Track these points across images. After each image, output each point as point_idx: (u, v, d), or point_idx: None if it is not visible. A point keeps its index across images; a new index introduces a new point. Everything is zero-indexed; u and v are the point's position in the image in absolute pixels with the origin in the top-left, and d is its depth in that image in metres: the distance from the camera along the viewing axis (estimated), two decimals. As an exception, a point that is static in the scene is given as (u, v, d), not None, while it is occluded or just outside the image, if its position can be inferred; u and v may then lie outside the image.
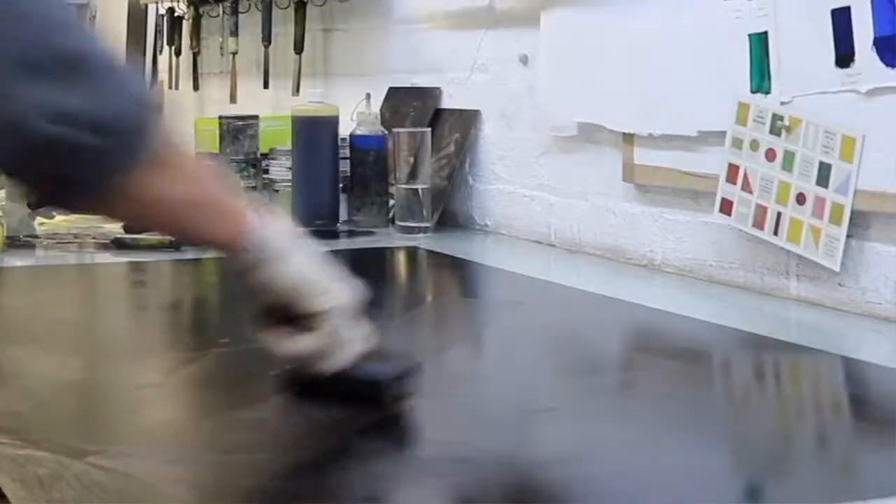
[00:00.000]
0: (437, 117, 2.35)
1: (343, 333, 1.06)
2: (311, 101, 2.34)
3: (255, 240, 1.03)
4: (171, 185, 0.98)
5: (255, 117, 2.44)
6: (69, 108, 0.90)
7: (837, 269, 1.49)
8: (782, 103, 1.57)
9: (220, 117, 2.47)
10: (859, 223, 1.48)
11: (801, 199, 1.54)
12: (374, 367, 1.08)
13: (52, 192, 0.96)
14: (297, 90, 2.80)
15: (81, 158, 0.91)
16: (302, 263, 1.05)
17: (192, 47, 3.33)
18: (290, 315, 1.05)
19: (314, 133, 2.27)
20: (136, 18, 3.60)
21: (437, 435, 1.06)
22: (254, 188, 2.39)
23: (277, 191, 2.37)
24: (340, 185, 2.28)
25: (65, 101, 0.90)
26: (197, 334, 1.54)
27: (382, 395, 1.08)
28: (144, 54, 3.51)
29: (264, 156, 2.39)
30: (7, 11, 0.89)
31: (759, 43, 1.60)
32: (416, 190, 2.17)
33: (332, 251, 1.99)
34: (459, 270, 1.91)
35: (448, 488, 0.93)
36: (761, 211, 1.60)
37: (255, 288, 1.05)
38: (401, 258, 2.01)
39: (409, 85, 2.46)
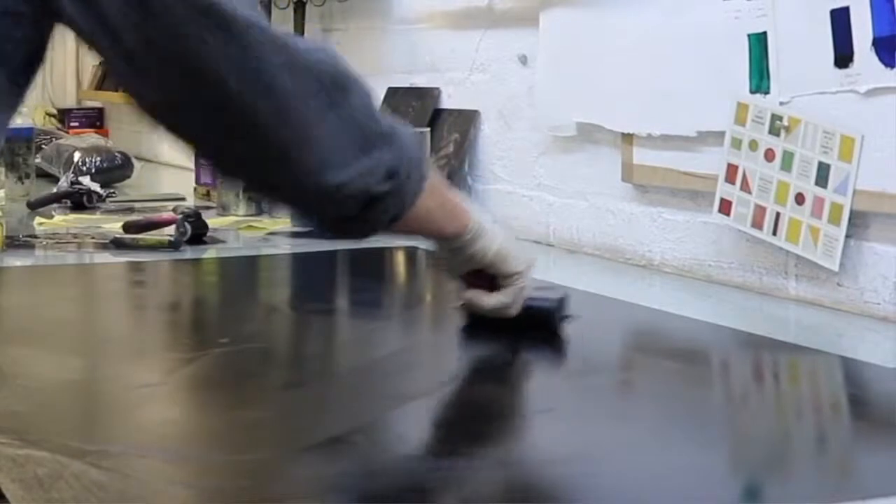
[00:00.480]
0: (436, 117, 2.35)
1: (526, 286, 1.37)
2: (310, 100, 2.33)
3: (474, 226, 1.34)
4: (431, 202, 1.28)
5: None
6: (392, 166, 1.20)
7: (836, 269, 1.49)
8: (781, 103, 1.57)
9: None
10: (858, 223, 1.48)
11: (799, 199, 1.54)
12: (540, 298, 1.38)
13: (364, 229, 1.25)
14: (296, 90, 2.79)
15: (403, 197, 1.23)
16: (499, 238, 1.35)
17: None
18: (487, 277, 1.36)
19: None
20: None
21: (434, 434, 1.06)
22: (253, 188, 2.39)
23: (277, 191, 2.37)
24: (340, 185, 2.28)
25: (389, 161, 1.20)
26: (196, 334, 1.54)
27: (551, 320, 1.38)
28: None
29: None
30: (347, 102, 1.18)
31: (758, 43, 1.60)
32: (416, 190, 2.17)
33: (330, 251, 2.00)
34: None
35: (446, 487, 0.93)
36: (760, 211, 1.60)
37: (466, 259, 1.35)
38: (400, 258, 2.01)
39: (408, 85, 2.46)
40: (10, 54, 1.07)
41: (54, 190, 2.60)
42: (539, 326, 1.37)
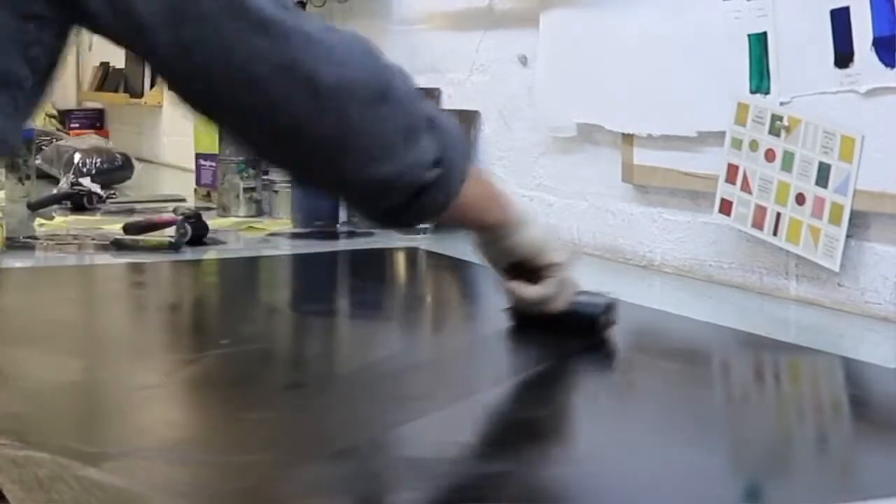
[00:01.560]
0: (437, 118, 2.35)
1: (570, 279, 1.35)
2: (310, 101, 2.33)
3: (516, 215, 1.34)
4: (475, 191, 1.28)
5: (255, 118, 2.44)
6: (437, 154, 1.20)
7: (837, 269, 1.49)
8: (781, 103, 1.57)
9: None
10: (858, 223, 1.48)
11: (800, 199, 1.54)
12: (586, 303, 1.36)
13: (414, 218, 1.26)
14: (296, 91, 2.79)
15: (450, 185, 1.23)
16: (538, 229, 1.35)
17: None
18: (529, 269, 1.35)
19: (314, 134, 2.27)
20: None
21: (434, 435, 1.06)
22: (253, 189, 2.39)
23: (277, 192, 2.37)
24: (340, 186, 2.28)
25: (434, 150, 1.20)
26: (196, 336, 1.54)
27: (596, 325, 1.35)
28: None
29: (264, 157, 2.39)
30: (389, 94, 1.17)
31: (759, 43, 1.60)
32: (416, 191, 2.17)
33: (331, 252, 2.00)
34: (459, 271, 1.90)
35: (447, 489, 0.93)
36: (760, 211, 1.60)
37: (505, 250, 1.34)
38: (400, 259, 2.01)
39: (408, 85, 2.46)
40: (38, 59, 1.07)
41: (54, 191, 2.60)
42: (584, 331, 1.35)
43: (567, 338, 1.33)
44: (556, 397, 1.21)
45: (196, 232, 2.02)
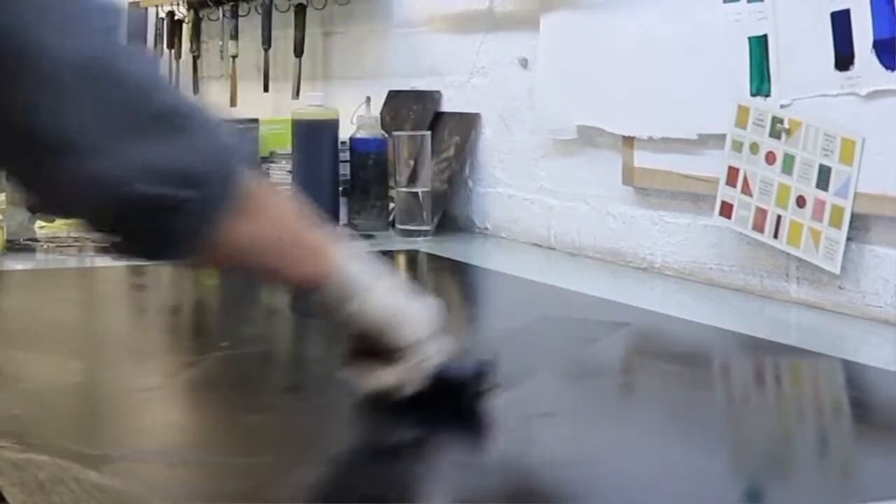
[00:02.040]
0: (437, 120, 2.36)
1: (428, 360, 1.05)
2: (311, 104, 2.34)
3: (340, 276, 1.03)
4: (260, 229, 0.99)
5: (256, 121, 2.44)
6: (166, 166, 0.91)
7: (837, 271, 1.49)
8: (782, 106, 1.57)
9: (220, 121, 2.47)
10: (859, 226, 1.48)
11: (801, 201, 1.54)
12: (454, 367, 1.07)
13: (148, 247, 0.97)
14: (297, 94, 2.80)
15: (179, 213, 0.92)
16: (384, 296, 1.04)
17: (192, 51, 3.33)
18: (377, 348, 1.04)
19: (314, 136, 2.27)
20: (136, 22, 3.60)
21: (434, 437, 1.06)
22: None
23: (277, 194, 2.37)
24: (340, 189, 2.28)
25: (162, 159, 0.91)
26: (197, 338, 1.54)
27: (464, 393, 1.08)
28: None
29: (264, 159, 2.39)
30: (104, 73, 0.91)
31: (759, 46, 1.60)
32: (416, 193, 2.17)
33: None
34: (459, 274, 1.91)
35: (448, 491, 0.93)
36: (761, 214, 1.60)
37: (342, 323, 1.05)
38: (401, 261, 2.00)
39: (408, 88, 2.46)
40: None
41: (55, 193, 2.60)
42: (450, 399, 1.08)
43: (428, 407, 1.06)
44: (557, 400, 1.21)
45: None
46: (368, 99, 2.35)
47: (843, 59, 1.47)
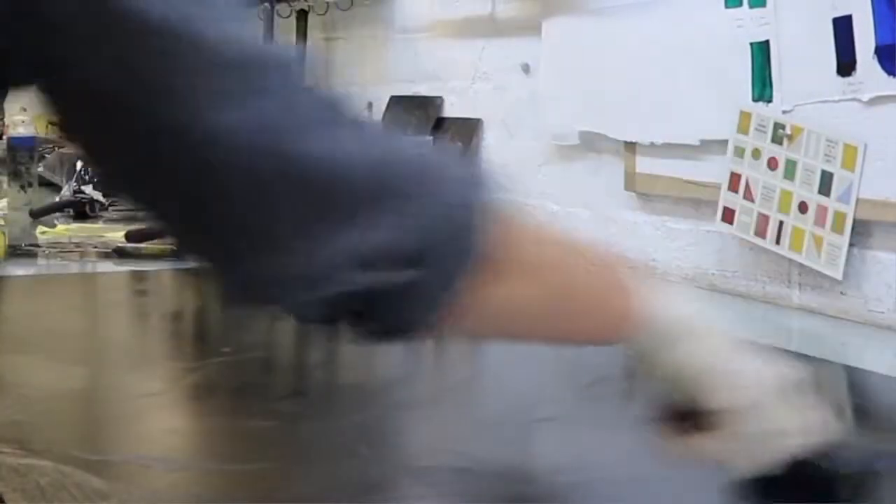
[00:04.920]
0: (439, 126, 2.36)
1: (760, 432, 0.86)
2: (312, 109, 2.34)
3: (641, 326, 0.85)
4: (519, 289, 0.80)
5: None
6: (376, 247, 0.73)
7: (840, 277, 1.49)
8: (784, 112, 1.57)
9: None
10: (861, 232, 1.48)
11: (803, 207, 1.54)
12: (828, 457, 0.88)
13: (379, 332, 0.79)
14: (298, 99, 2.80)
15: (402, 297, 0.75)
16: (704, 349, 0.87)
17: (194, 56, 3.33)
18: (691, 409, 0.86)
19: (316, 142, 2.27)
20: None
21: (436, 444, 1.06)
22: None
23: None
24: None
25: (369, 239, 0.72)
26: (199, 343, 1.54)
27: (837, 492, 0.89)
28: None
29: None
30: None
31: (761, 52, 1.60)
32: (418, 199, 2.17)
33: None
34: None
35: (447, 497, 0.93)
36: (763, 219, 1.59)
37: (652, 375, 0.87)
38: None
39: (410, 94, 2.47)
40: None
41: (57, 199, 2.60)
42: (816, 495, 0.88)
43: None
44: (558, 405, 1.20)
45: (198, 240, 2.01)
46: (370, 104, 2.35)
47: (845, 65, 1.48)
